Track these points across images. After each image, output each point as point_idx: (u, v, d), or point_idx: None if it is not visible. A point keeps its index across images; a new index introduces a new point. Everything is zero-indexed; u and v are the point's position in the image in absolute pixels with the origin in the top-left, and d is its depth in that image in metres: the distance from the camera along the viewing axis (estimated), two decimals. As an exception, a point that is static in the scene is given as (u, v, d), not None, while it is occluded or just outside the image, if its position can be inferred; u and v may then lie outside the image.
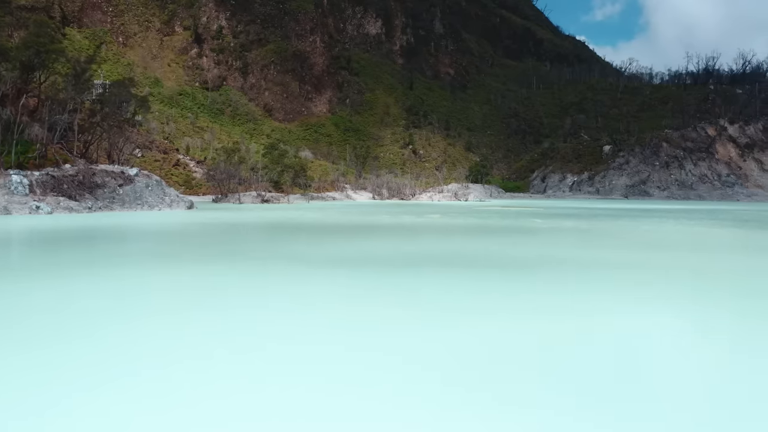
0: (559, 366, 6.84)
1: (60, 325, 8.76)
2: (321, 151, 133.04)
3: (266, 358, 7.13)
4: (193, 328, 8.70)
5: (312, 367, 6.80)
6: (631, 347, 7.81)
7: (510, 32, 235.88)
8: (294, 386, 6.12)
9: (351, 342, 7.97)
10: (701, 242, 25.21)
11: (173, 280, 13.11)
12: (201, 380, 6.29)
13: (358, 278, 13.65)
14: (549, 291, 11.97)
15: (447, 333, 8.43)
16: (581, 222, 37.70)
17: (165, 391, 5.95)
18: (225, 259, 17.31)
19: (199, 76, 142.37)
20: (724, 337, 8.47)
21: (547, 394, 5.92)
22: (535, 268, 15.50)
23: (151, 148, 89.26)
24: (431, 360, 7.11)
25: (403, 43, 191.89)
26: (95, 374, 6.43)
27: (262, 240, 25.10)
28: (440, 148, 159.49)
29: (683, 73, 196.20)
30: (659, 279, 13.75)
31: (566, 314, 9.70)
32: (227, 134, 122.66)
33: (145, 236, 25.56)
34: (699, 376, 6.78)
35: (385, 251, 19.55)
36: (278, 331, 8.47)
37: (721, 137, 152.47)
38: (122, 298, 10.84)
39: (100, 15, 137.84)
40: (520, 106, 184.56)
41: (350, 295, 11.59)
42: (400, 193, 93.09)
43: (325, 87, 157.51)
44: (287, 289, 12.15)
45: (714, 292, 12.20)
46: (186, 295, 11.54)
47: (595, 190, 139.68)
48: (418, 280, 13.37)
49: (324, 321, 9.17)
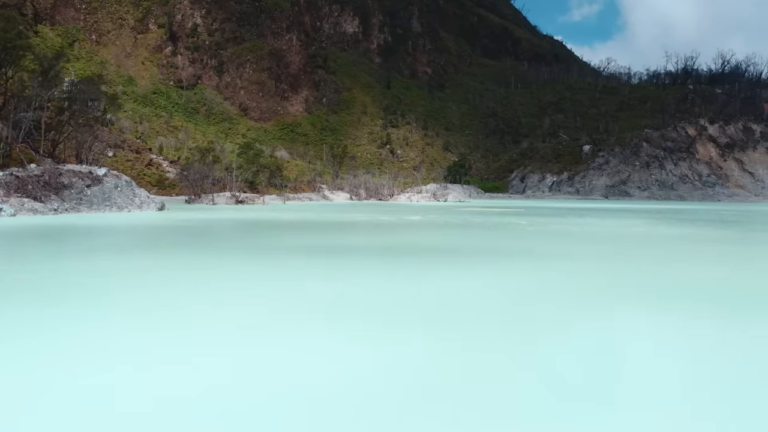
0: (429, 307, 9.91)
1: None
2: (297, 150, 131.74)
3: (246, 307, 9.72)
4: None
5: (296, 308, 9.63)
6: (452, 289, 11.71)
7: (488, 31, 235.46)
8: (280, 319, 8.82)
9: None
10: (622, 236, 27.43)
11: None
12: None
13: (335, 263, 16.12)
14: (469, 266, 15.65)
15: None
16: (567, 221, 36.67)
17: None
18: (200, 249, 18.91)
19: (173, 74, 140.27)
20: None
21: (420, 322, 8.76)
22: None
23: (123, 148, 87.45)
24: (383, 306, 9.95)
25: (380, 42, 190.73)
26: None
27: (235, 236, 25.08)
28: (418, 148, 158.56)
29: (662, 72, 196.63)
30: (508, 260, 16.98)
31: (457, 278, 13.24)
32: (202, 134, 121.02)
33: (110, 234, 23.96)
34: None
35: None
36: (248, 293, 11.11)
37: (701, 137, 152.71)
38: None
39: (73, 12, 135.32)
40: (498, 106, 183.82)
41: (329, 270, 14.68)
42: (378, 193, 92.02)
43: (301, 86, 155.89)
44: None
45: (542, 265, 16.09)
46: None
47: (575, 190, 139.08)
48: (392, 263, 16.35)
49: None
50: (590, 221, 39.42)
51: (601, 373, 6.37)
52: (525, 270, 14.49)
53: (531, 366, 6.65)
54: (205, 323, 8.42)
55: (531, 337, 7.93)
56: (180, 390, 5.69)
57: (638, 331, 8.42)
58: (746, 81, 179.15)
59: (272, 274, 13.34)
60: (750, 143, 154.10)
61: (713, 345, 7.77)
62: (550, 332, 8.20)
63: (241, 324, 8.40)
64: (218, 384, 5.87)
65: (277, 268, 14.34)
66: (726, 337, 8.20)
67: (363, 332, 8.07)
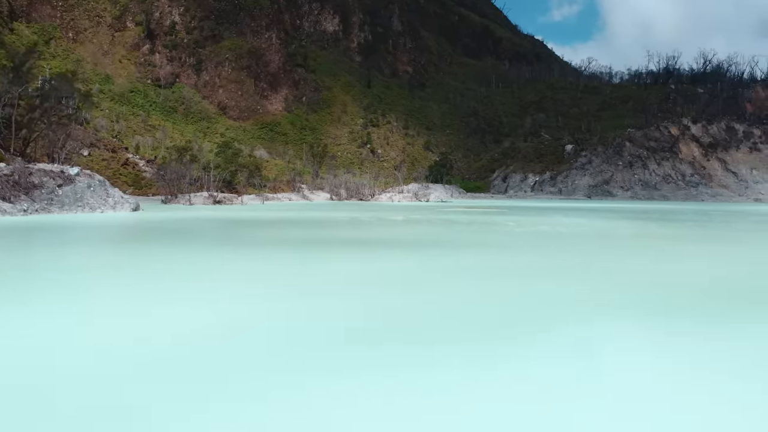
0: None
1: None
2: (277, 150, 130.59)
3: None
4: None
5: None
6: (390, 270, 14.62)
7: (469, 30, 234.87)
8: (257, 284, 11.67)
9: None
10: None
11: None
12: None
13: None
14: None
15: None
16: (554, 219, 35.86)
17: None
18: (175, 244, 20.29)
19: (151, 72, 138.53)
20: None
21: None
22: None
23: (99, 147, 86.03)
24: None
25: (360, 41, 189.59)
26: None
27: (211, 234, 24.03)
28: (399, 147, 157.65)
29: (643, 72, 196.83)
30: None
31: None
32: (180, 133, 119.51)
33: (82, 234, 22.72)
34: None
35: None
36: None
37: (684, 137, 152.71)
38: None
39: (49, 10, 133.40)
40: (479, 105, 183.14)
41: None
42: (358, 193, 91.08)
43: (280, 85, 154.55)
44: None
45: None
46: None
47: (557, 190, 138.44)
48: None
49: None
50: (577, 221, 38.79)
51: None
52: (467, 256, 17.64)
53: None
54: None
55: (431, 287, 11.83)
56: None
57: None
58: (728, 81, 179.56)
59: (247, 257, 15.83)
60: (733, 143, 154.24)
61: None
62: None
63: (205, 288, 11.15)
64: (197, 328, 8.04)
65: (253, 255, 16.65)
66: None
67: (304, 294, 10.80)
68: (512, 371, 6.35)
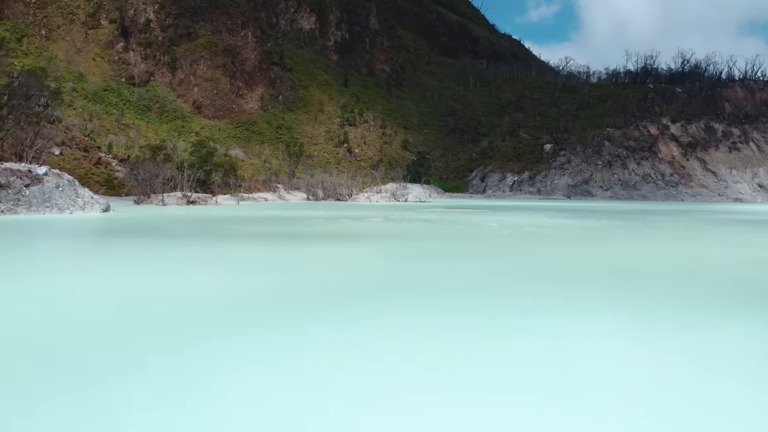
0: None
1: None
2: (252, 149, 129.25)
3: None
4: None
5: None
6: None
7: (446, 29, 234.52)
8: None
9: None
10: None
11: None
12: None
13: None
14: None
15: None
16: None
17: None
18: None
19: (125, 71, 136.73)
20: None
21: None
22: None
23: (71, 146, 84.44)
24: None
25: (337, 39, 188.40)
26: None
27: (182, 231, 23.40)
28: (376, 147, 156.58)
29: (621, 72, 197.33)
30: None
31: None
32: (154, 132, 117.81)
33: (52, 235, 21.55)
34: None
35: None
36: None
37: (663, 136, 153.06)
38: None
39: (21, 7, 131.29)
40: (457, 104, 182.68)
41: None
42: (336, 193, 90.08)
43: (256, 83, 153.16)
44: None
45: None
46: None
47: (536, 190, 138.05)
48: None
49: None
50: (563, 222, 37.86)
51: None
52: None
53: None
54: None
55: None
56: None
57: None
58: (707, 80, 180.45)
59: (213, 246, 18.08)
60: (712, 142, 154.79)
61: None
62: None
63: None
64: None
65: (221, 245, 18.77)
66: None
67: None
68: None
